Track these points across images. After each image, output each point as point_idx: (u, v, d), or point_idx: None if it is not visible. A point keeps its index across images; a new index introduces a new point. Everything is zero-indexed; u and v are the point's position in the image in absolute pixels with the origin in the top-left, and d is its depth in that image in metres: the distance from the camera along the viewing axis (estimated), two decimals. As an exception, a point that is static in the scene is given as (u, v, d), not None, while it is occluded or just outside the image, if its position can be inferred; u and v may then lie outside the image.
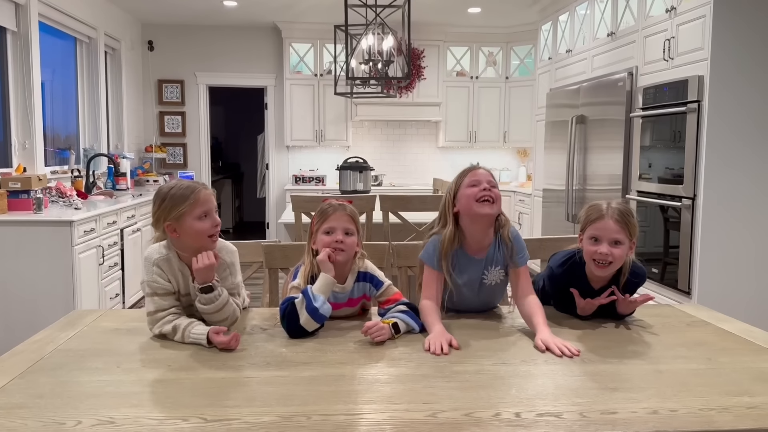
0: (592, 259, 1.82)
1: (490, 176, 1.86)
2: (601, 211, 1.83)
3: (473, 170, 1.87)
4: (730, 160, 3.48)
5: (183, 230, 1.71)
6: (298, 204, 3.81)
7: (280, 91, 7.49)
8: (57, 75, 5.52)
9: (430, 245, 1.88)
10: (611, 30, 4.60)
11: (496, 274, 1.88)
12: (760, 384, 1.38)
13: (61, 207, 4.30)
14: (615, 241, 1.79)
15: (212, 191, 1.79)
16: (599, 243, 1.80)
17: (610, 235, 1.79)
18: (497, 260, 1.87)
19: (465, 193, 1.83)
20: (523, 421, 1.18)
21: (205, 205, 1.72)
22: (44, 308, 3.75)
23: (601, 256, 1.79)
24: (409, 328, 1.73)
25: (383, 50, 4.78)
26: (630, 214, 1.84)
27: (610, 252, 1.78)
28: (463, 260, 1.86)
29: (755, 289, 3.55)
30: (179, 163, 7.52)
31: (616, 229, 1.79)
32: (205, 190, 1.75)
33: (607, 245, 1.79)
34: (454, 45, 7.50)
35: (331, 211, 1.81)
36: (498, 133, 7.57)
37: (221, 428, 1.13)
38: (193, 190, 1.73)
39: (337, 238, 1.77)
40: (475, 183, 1.82)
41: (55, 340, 1.64)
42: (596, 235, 1.81)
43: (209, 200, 1.74)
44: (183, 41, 7.38)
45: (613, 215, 1.80)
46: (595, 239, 1.81)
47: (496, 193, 1.81)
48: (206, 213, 1.72)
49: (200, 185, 1.76)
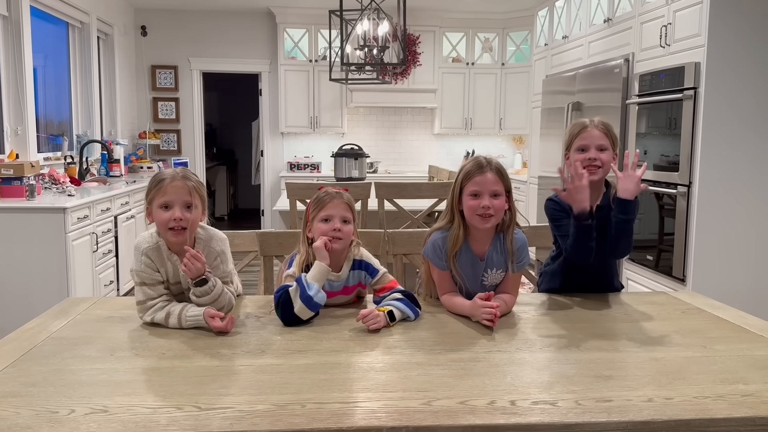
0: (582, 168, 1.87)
1: (495, 182, 1.77)
2: (584, 123, 1.96)
3: (478, 175, 1.78)
4: (726, 148, 3.48)
5: (153, 217, 1.70)
6: (293, 191, 3.79)
7: (274, 77, 7.44)
8: (49, 61, 5.46)
9: (433, 245, 1.85)
10: (608, 16, 4.58)
11: (497, 276, 1.87)
12: (755, 371, 1.38)
13: (54, 194, 4.27)
14: (601, 148, 1.92)
15: (192, 184, 1.69)
16: (587, 152, 1.92)
17: (596, 141, 1.92)
18: (498, 263, 1.85)
19: (467, 203, 1.79)
20: (519, 409, 1.18)
21: (167, 195, 1.66)
22: (38, 296, 3.74)
23: (590, 161, 1.90)
24: (404, 315, 1.72)
25: (378, 36, 4.75)
26: (611, 126, 1.95)
27: (597, 156, 1.90)
28: (466, 256, 1.85)
29: (750, 277, 3.57)
30: (173, 149, 7.48)
31: (600, 135, 1.92)
32: (176, 181, 1.67)
33: (595, 150, 1.91)
34: (450, 31, 7.45)
35: (328, 200, 1.79)
36: (494, 119, 7.54)
37: (215, 416, 1.13)
38: (163, 178, 1.68)
39: (335, 227, 1.76)
40: (477, 193, 1.77)
41: (48, 328, 1.63)
42: (582, 144, 1.93)
43: (175, 192, 1.66)
44: (176, 26, 7.31)
45: (596, 125, 1.93)
46: (581, 149, 1.93)
47: (498, 207, 1.77)
48: (167, 204, 1.66)
49: (179, 176, 1.69)
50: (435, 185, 4.02)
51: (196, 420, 1.12)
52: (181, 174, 1.71)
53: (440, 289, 1.88)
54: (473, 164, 1.81)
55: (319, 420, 1.12)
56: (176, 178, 1.69)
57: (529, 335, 1.63)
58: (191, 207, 1.68)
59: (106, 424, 1.10)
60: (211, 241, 1.77)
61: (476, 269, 1.85)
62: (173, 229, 1.67)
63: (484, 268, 1.85)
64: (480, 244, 1.85)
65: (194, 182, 1.71)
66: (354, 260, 1.84)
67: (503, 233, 1.85)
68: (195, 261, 1.64)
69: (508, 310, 1.83)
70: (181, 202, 1.67)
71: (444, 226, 1.86)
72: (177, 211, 1.66)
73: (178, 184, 1.67)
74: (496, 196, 1.77)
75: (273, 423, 1.11)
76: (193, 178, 1.72)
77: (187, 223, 1.67)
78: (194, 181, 1.72)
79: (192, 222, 1.69)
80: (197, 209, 1.70)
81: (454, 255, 1.83)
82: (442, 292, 1.87)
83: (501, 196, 1.78)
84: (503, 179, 1.79)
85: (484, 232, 1.83)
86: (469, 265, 1.85)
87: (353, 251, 1.84)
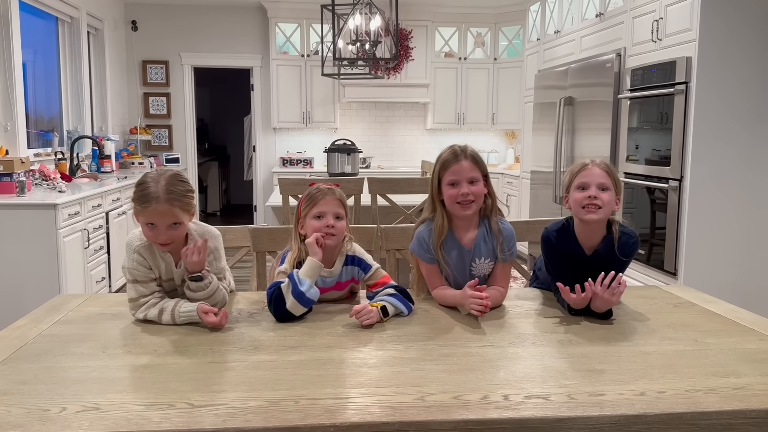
0: (581, 207, 1.80)
1: (471, 169, 1.81)
2: (585, 162, 1.85)
3: (454, 164, 1.82)
4: (717, 142, 3.49)
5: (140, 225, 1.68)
6: (286, 187, 3.79)
7: (266, 72, 7.41)
8: (39, 56, 5.42)
9: (418, 240, 1.87)
10: (600, 11, 4.58)
11: (485, 266, 1.87)
12: (746, 365, 1.39)
13: (44, 190, 4.25)
14: (602, 187, 1.80)
15: (177, 204, 1.60)
16: (587, 190, 1.80)
17: (597, 179, 1.80)
18: (485, 252, 1.86)
19: (447, 193, 1.82)
20: (512, 404, 1.18)
21: (150, 217, 1.61)
22: (28, 293, 3.71)
23: (590, 199, 1.78)
24: (397, 311, 1.72)
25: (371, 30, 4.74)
26: (614, 168, 1.86)
27: (598, 195, 1.78)
28: (452, 245, 1.86)
29: (741, 271, 3.58)
30: (164, 145, 7.44)
31: (602, 174, 1.81)
32: (160, 204, 1.58)
33: (596, 188, 1.79)
34: (443, 26, 7.44)
35: (320, 196, 1.78)
36: (486, 114, 7.54)
37: (208, 413, 1.13)
38: (148, 192, 1.59)
39: (328, 223, 1.75)
40: (455, 182, 1.81)
41: (39, 326, 1.62)
42: (583, 182, 1.81)
43: (157, 215, 1.60)
44: (167, 21, 7.26)
45: (598, 164, 1.83)
46: (582, 188, 1.81)
47: (477, 192, 1.79)
48: (152, 223, 1.63)
49: (163, 196, 1.59)
50: (428, 180, 3.99)
51: (188, 417, 1.11)
52: (165, 191, 1.59)
53: (430, 284, 1.89)
54: (448, 153, 1.85)
55: (312, 416, 1.12)
56: (160, 199, 1.58)
57: (522, 330, 1.63)
58: (177, 224, 1.65)
59: (98, 422, 1.09)
60: (204, 237, 1.76)
61: (464, 259, 1.86)
62: (161, 244, 1.66)
63: (472, 257, 1.86)
64: (465, 233, 1.86)
65: (179, 198, 1.62)
66: (347, 256, 1.84)
67: (487, 219, 1.87)
68: (197, 253, 1.64)
69: (499, 302, 1.84)
70: (166, 224, 1.63)
71: (427, 217, 1.89)
72: (162, 235, 1.63)
73: (163, 208, 1.59)
74: (473, 183, 1.80)
75: (266, 419, 1.11)
76: (178, 190, 1.62)
77: (173, 238, 1.65)
78: (178, 195, 1.62)
79: (178, 236, 1.67)
80: (183, 225, 1.67)
81: (440, 246, 1.83)
82: (433, 286, 1.88)
83: (479, 182, 1.81)
84: (479, 165, 1.83)
85: (467, 219, 1.85)
86: (457, 255, 1.86)
87: (346, 247, 1.84)
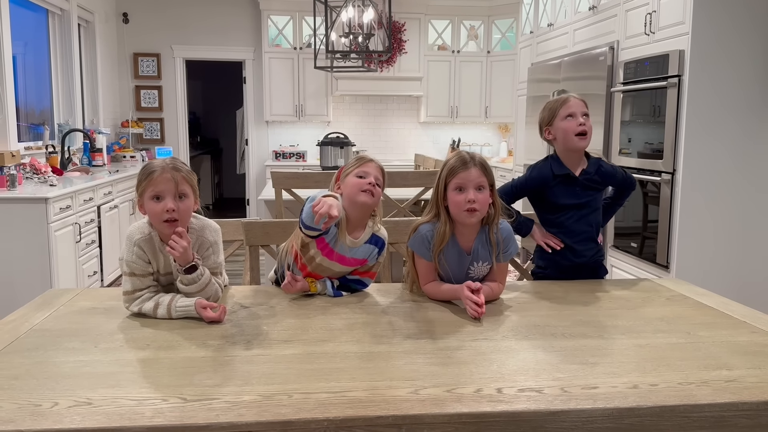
0: (573, 135, 2.06)
1: (479, 177, 1.78)
2: (564, 97, 2.12)
3: (462, 170, 1.79)
4: (710, 136, 3.50)
5: (145, 209, 1.68)
6: (279, 180, 3.76)
7: (258, 65, 7.38)
8: (29, 48, 5.37)
9: (421, 237, 1.85)
10: (593, 4, 4.57)
11: (483, 269, 1.87)
12: (738, 357, 1.39)
13: (35, 184, 4.22)
14: (586, 114, 2.10)
15: (182, 174, 1.67)
16: (574, 118, 2.07)
17: (582, 108, 2.09)
18: (483, 256, 1.85)
19: (453, 198, 1.79)
20: (505, 397, 1.18)
21: (157, 186, 1.64)
22: (20, 287, 3.69)
23: (580, 127, 2.06)
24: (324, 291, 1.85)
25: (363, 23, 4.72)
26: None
27: (585, 122, 2.07)
28: (452, 249, 1.84)
29: (733, 263, 3.60)
30: (156, 138, 7.40)
31: (583, 105, 2.11)
32: (166, 172, 1.65)
33: (581, 116, 2.07)
34: (436, 18, 7.42)
35: (366, 160, 1.88)
36: (479, 108, 7.54)
37: (201, 408, 1.12)
38: (153, 170, 1.66)
39: (370, 180, 1.81)
40: (462, 187, 1.78)
41: (30, 320, 1.61)
42: (570, 112, 2.08)
43: (164, 182, 1.64)
44: (158, 13, 7.21)
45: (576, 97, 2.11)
46: (570, 116, 2.08)
47: (483, 201, 1.78)
48: (158, 195, 1.64)
49: (168, 166, 1.67)
50: (421, 174, 4.01)
51: (181, 411, 1.11)
52: (170, 165, 1.68)
53: (424, 278, 1.87)
54: (457, 160, 1.82)
55: (305, 410, 1.12)
56: (166, 169, 1.66)
57: (515, 323, 1.63)
58: (183, 197, 1.67)
59: (90, 417, 1.09)
60: (204, 230, 1.75)
61: (462, 263, 1.85)
62: (167, 221, 1.65)
63: (470, 261, 1.85)
64: (466, 239, 1.85)
65: (184, 172, 1.69)
66: (373, 235, 1.88)
67: (488, 226, 1.86)
68: (180, 241, 1.63)
69: (495, 297, 1.84)
70: (173, 193, 1.65)
71: (430, 220, 1.87)
72: (169, 202, 1.64)
73: (168, 176, 1.65)
74: (480, 190, 1.78)
75: (259, 414, 1.11)
76: (183, 168, 1.70)
77: (179, 213, 1.65)
78: (184, 171, 1.69)
79: (184, 211, 1.67)
80: (189, 198, 1.68)
81: (440, 250, 1.83)
82: (426, 281, 1.86)
83: (485, 189, 1.79)
84: (487, 174, 1.81)
85: (470, 227, 1.83)
86: (456, 259, 1.85)
87: (376, 226, 1.89)
